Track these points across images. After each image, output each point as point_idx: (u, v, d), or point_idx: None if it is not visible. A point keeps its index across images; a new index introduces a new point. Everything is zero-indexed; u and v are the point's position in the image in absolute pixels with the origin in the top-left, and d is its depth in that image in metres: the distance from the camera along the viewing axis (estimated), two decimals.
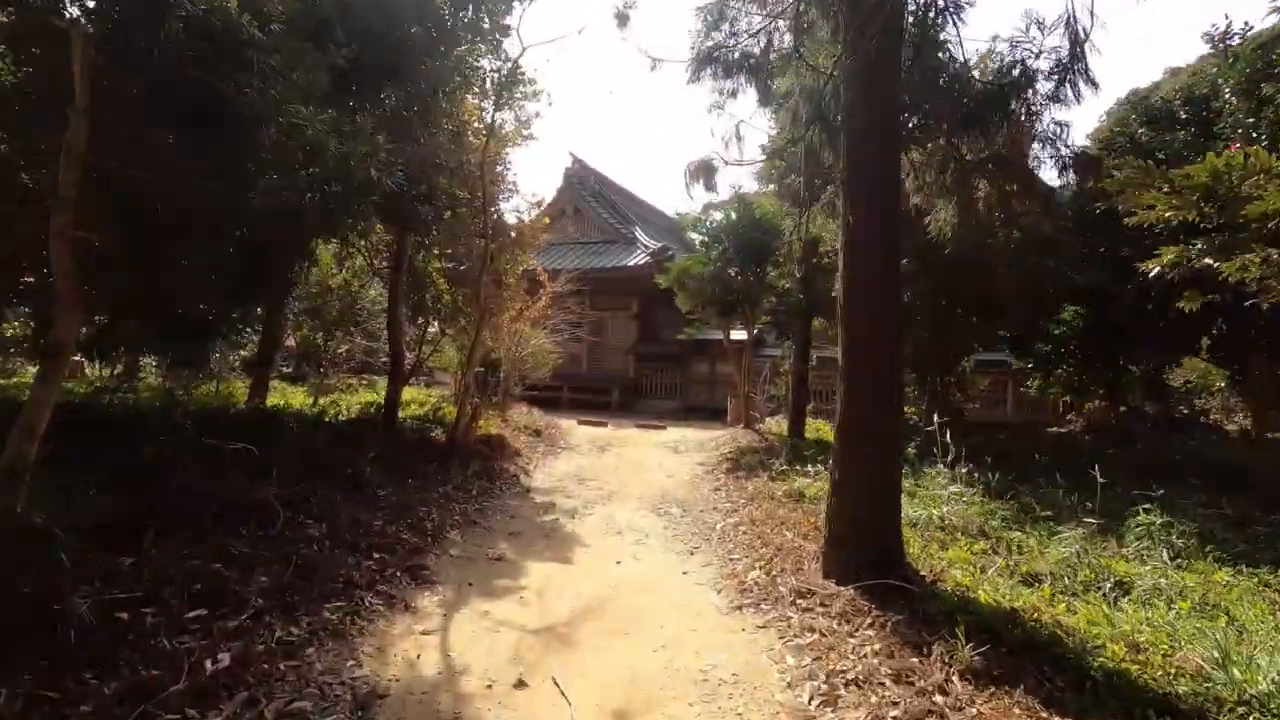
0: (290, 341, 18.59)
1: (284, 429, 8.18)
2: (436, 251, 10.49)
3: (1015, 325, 13.23)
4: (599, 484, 9.56)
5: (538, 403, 19.98)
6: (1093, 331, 12.98)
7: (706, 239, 13.73)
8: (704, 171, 7.55)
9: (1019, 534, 6.45)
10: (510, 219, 11.32)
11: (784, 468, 9.79)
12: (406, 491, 7.12)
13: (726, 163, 7.19)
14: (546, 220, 11.47)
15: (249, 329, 14.66)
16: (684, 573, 5.93)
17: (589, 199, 23.16)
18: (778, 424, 14.20)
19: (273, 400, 12.91)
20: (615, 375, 21.98)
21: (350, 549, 5.30)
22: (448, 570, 5.57)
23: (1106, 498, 6.76)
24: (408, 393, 16.63)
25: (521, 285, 12.63)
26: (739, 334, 21.53)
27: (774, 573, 5.53)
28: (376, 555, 5.35)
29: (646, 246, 21.28)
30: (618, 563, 6.18)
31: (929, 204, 7.58)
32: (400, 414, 11.92)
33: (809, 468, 9.61)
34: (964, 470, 8.22)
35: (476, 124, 9.63)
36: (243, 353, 13.66)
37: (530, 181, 69.69)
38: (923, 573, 5.27)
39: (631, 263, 20.90)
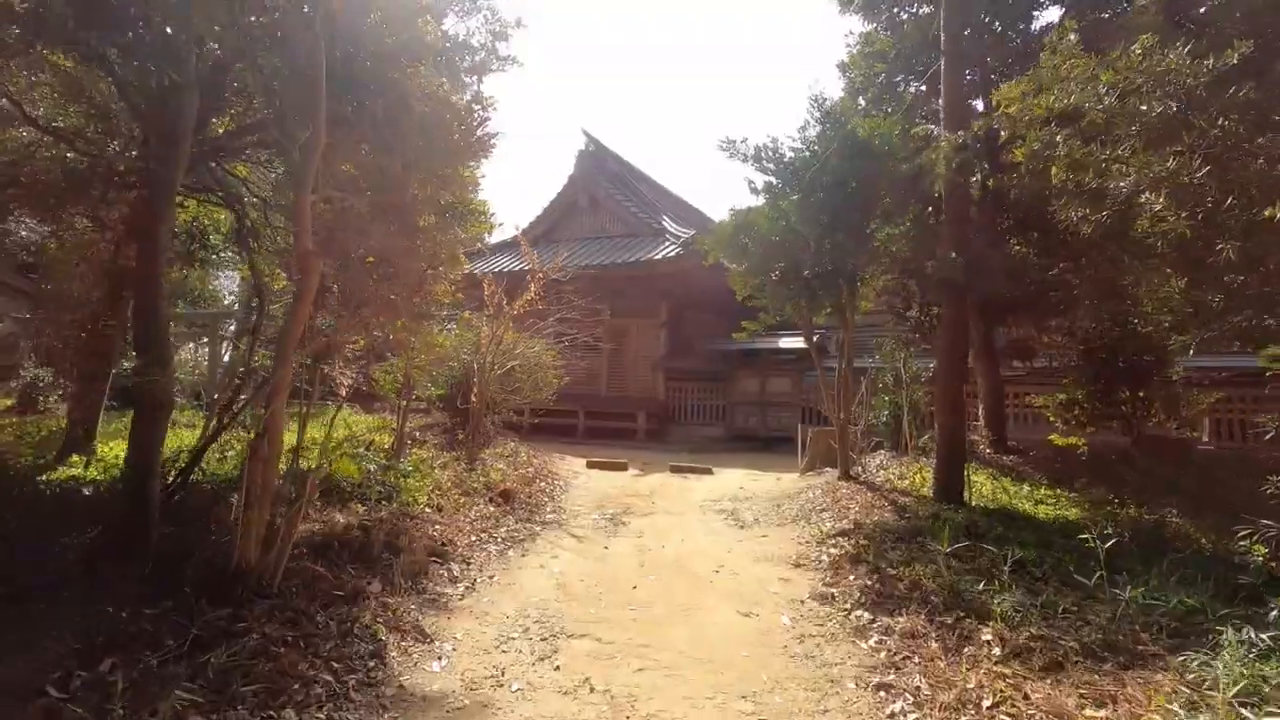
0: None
1: None
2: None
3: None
4: (592, 651, 3.70)
5: (547, 432, 14.19)
6: None
7: (774, 181, 7.89)
8: None
9: None
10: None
11: (1023, 609, 3.81)
12: None
13: None
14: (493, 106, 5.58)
15: None
16: None
17: (607, 185, 17.52)
18: (898, 471, 8.11)
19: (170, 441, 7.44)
20: (641, 396, 16.14)
21: None
22: None
23: None
24: (350, 423, 11.07)
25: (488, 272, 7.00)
26: (793, 340, 15.65)
27: None
28: None
29: (676, 236, 15.53)
30: None
31: None
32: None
33: (1100, 612, 3.64)
34: None
35: None
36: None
37: (532, 176, 63.81)
38: None
39: (658, 256, 15.17)
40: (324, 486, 5.99)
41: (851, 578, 4.84)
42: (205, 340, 13.89)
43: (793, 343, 15.14)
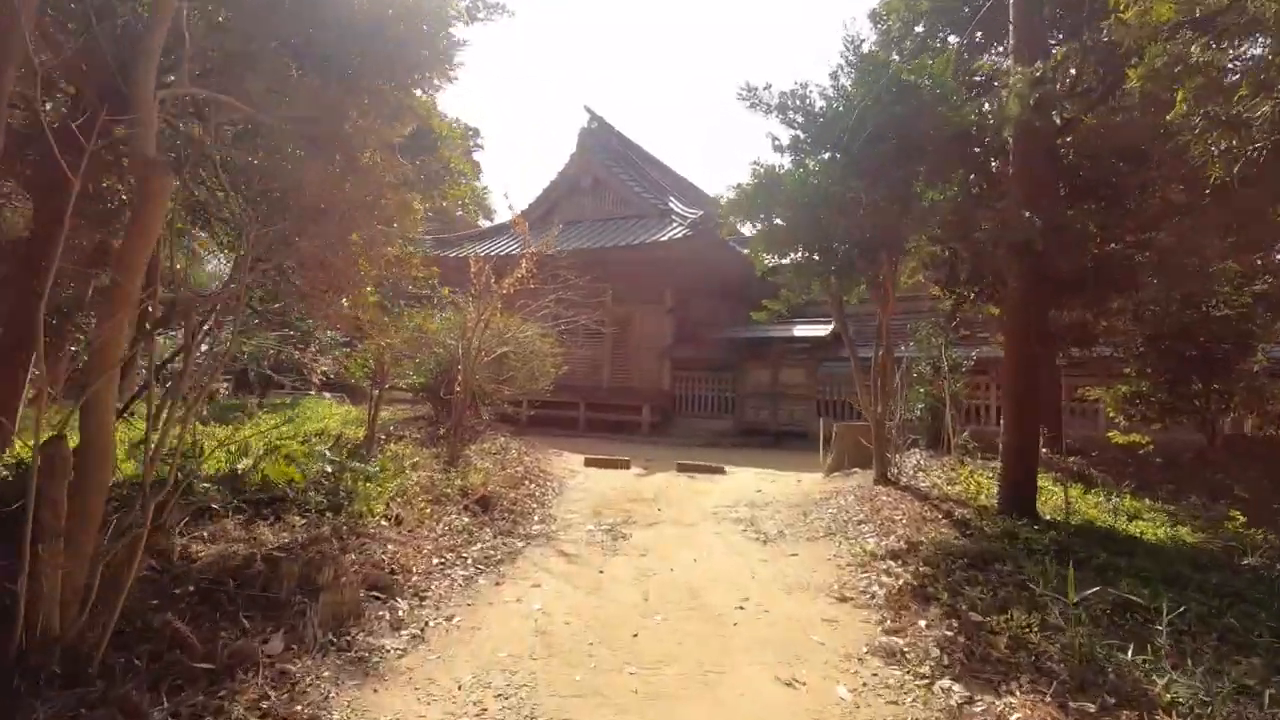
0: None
1: None
2: None
3: None
4: None
5: (545, 425, 12.99)
6: None
7: (802, 135, 6.60)
8: None
9: None
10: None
11: (1206, 694, 2.57)
12: None
13: None
14: None
15: None
16: None
17: (611, 165, 16.21)
18: (942, 474, 6.84)
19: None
20: (646, 387, 14.91)
21: None
22: None
23: None
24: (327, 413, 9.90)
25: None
26: (807, 328, 14.34)
27: None
28: None
29: (683, 217, 14.24)
30: None
31: None
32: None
33: None
34: None
35: None
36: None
37: (532, 160, 61.04)
38: None
39: (664, 238, 13.88)
40: (257, 497, 4.80)
41: (922, 623, 3.59)
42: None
43: (807, 331, 13.87)
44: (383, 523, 4.82)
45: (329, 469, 5.75)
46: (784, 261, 7.17)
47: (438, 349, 9.45)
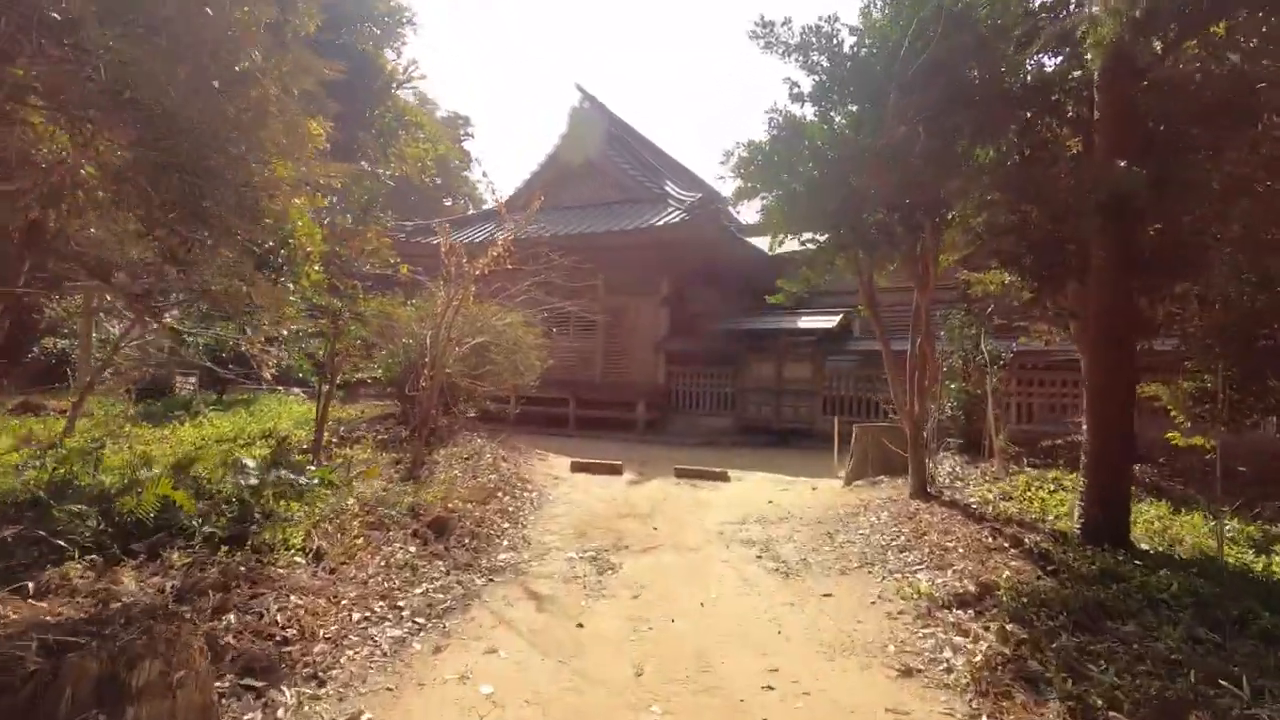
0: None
1: None
2: None
3: None
4: None
5: (533, 422, 11.73)
6: None
7: (826, 81, 5.41)
8: None
9: None
10: None
11: None
12: None
13: None
14: None
15: None
16: None
17: (604, 147, 14.95)
18: (990, 486, 5.69)
19: None
20: (640, 382, 13.71)
21: None
22: None
23: None
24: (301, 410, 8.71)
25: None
26: (814, 320, 13.18)
27: None
28: None
29: (680, 201, 13.03)
30: None
31: None
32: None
33: None
34: None
35: None
36: None
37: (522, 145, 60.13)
38: None
39: (660, 222, 12.67)
40: (136, 528, 3.61)
41: None
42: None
43: (813, 322, 12.69)
44: (297, 559, 3.63)
45: (252, 482, 4.56)
46: (804, 236, 6.00)
47: (406, 339, 8.25)
